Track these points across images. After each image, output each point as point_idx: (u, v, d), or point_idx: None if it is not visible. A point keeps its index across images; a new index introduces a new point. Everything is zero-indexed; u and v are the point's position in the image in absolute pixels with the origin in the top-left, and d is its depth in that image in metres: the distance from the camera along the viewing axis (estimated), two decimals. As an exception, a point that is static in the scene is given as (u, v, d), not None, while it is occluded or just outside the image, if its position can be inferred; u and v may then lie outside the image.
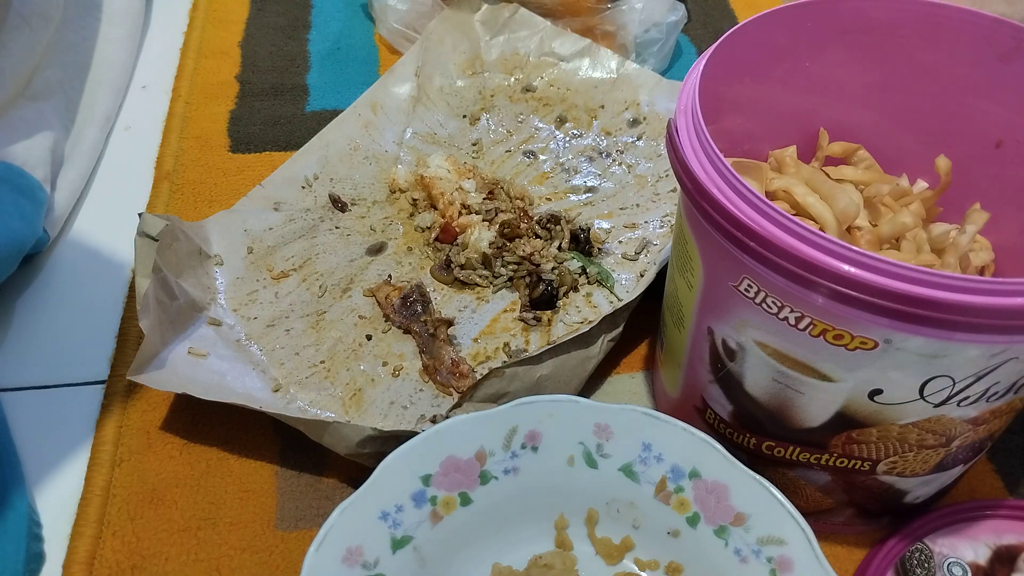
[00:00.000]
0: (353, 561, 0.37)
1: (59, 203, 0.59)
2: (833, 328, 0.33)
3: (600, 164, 0.64)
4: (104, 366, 0.52)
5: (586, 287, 0.56)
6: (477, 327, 0.54)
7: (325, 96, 0.71)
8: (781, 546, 0.38)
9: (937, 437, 0.37)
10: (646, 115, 0.67)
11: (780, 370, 0.37)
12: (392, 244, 0.59)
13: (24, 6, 0.61)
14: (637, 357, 0.53)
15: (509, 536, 0.42)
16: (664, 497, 0.41)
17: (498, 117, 0.68)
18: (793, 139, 0.47)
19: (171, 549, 0.44)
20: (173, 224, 0.51)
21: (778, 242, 0.31)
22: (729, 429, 0.42)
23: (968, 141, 0.44)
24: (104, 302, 0.56)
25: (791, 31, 0.42)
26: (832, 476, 0.41)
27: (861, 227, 0.43)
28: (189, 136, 0.67)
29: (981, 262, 0.44)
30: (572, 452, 0.42)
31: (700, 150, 0.35)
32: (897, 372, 0.34)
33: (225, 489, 0.46)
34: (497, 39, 0.71)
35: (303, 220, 0.59)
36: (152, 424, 0.49)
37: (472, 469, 0.41)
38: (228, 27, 0.77)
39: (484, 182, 0.60)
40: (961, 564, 0.41)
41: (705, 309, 0.39)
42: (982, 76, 0.42)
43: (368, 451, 0.44)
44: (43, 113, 0.61)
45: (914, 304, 0.30)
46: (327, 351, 0.52)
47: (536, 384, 0.47)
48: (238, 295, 0.54)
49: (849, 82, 0.45)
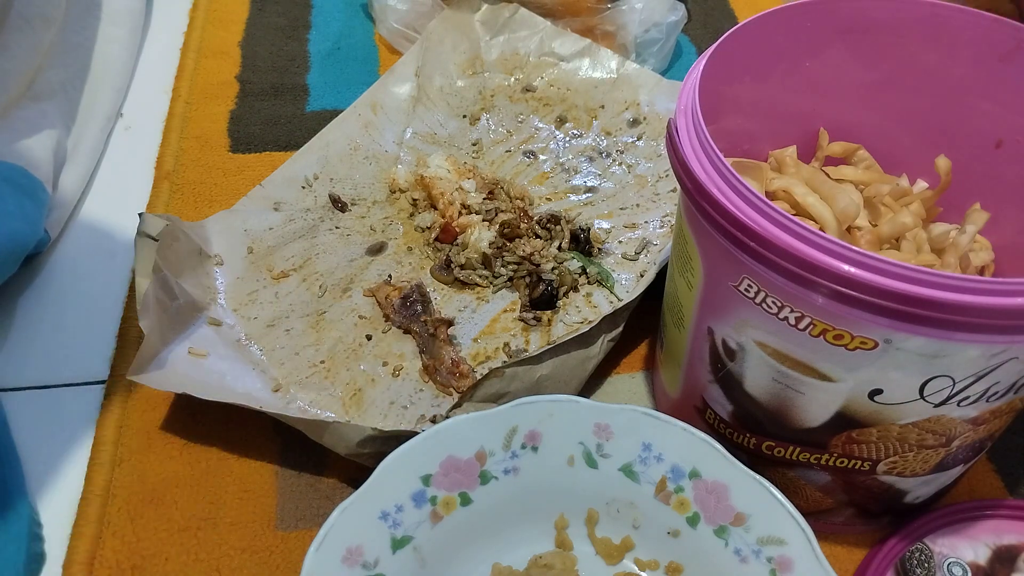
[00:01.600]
0: (353, 561, 0.37)
1: (60, 203, 0.59)
2: (833, 328, 0.33)
3: (600, 164, 0.64)
4: (104, 366, 0.52)
5: (586, 287, 0.56)
6: (477, 327, 0.54)
7: (325, 96, 0.71)
8: (781, 546, 0.38)
9: (937, 437, 0.37)
10: (646, 115, 0.67)
11: (780, 370, 0.37)
12: (392, 244, 0.59)
13: (26, 7, 0.61)
14: (637, 357, 0.53)
15: (509, 536, 0.42)
16: (664, 497, 0.41)
17: (498, 117, 0.68)
18: (793, 139, 0.47)
19: (171, 549, 0.44)
20: (173, 224, 0.51)
21: (778, 242, 0.31)
22: (729, 429, 0.42)
23: (968, 141, 0.44)
24: (104, 302, 0.56)
25: (791, 31, 0.42)
26: (832, 476, 0.41)
27: (861, 227, 0.43)
28: (189, 136, 0.67)
29: (981, 262, 0.44)
30: (572, 452, 0.42)
31: (700, 150, 0.35)
32: (897, 372, 0.34)
33: (225, 489, 0.46)
34: (497, 39, 0.71)
35: (303, 220, 0.59)
36: (152, 424, 0.49)
37: (472, 469, 0.41)
38: (228, 27, 0.77)
39: (484, 182, 0.60)
40: (961, 564, 0.41)
41: (705, 309, 0.39)
42: (982, 76, 0.42)
43: (368, 451, 0.44)
44: (45, 113, 0.61)
45: (914, 304, 0.30)
46: (327, 351, 0.52)
47: (536, 384, 0.47)
48: (238, 295, 0.54)
49: (849, 82, 0.45)
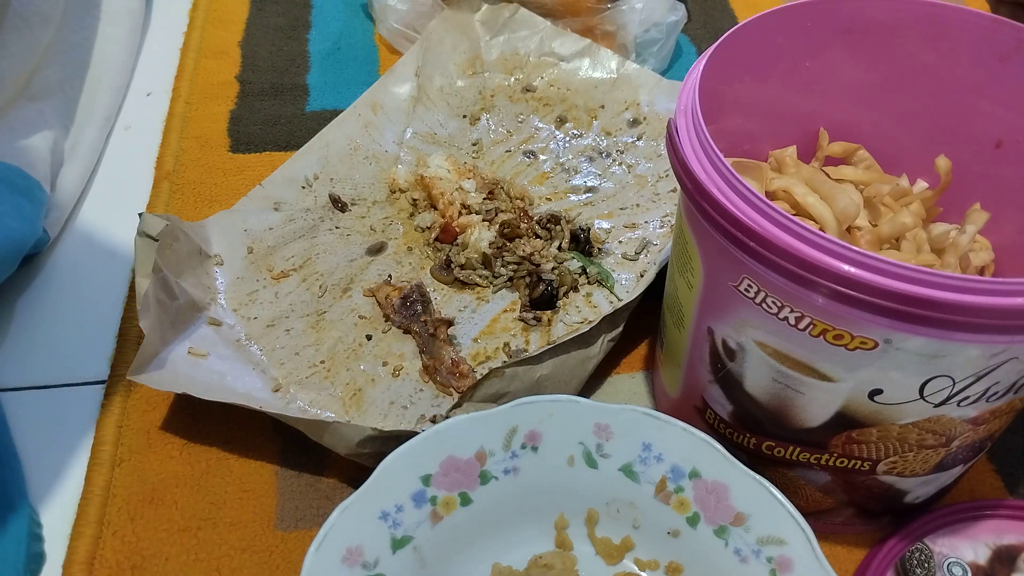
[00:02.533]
0: (353, 561, 0.37)
1: (59, 203, 0.59)
2: (833, 328, 0.33)
3: (600, 164, 0.64)
4: (104, 366, 0.52)
5: (586, 287, 0.56)
6: (477, 327, 0.54)
7: (325, 96, 0.71)
8: (781, 546, 0.38)
9: (937, 437, 0.37)
10: (646, 115, 0.67)
11: (780, 370, 0.37)
12: (392, 244, 0.59)
13: (24, 6, 0.61)
14: (637, 357, 0.53)
15: (509, 536, 0.42)
16: (664, 497, 0.41)
17: (498, 117, 0.68)
18: (793, 139, 0.47)
19: (171, 549, 0.44)
20: (173, 224, 0.51)
21: (778, 242, 0.31)
22: (729, 429, 0.42)
23: (968, 141, 0.44)
24: (104, 302, 0.56)
25: (791, 31, 0.42)
26: (832, 476, 0.41)
27: (861, 227, 0.43)
28: (189, 136, 0.67)
29: (981, 262, 0.44)
30: (572, 452, 0.42)
31: (700, 150, 0.35)
32: (897, 372, 0.34)
33: (225, 489, 0.46)
34: (497, 39, 0.71)
35: (303, 220, 0.59)
36: (152, 424, 0.49)
37: (472, 469, 0.41)
38: (228, 27, 0.77)
39: (484, 182, 0.60)
40: (961, 564, 0.41)
41: (705, 309, 0.39)
42: (982, 76, 0.42)
43: (368, 451, 0.44)
44: (43, 113, 0.61)
45: (914, 304, 0.30)
46: (327, 351, 0.52)
47: (536, 384, 0.47)
48: (238, 295, 0.54)
49: (849, 82, 0.45)
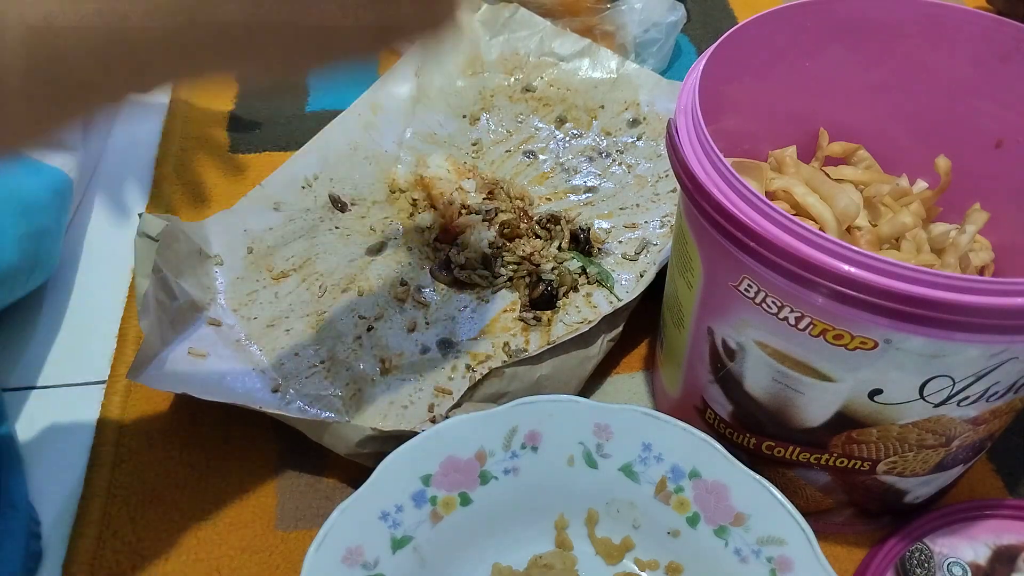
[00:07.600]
0: (353, 561, 0.37)
1: (59, 203, 0.59)
2: (833, 328, 0.33)
3: (600, 164, 0.64)
4: (104, 366, 0.52)
5: (586, 287, 0.56)
6: (477, 327, 0.54)
7: (325, 96, 0.71)
8: (781, 546, 0.38)
9: (937, 437, 0.37)
10: (646, 115, 0.67)
11: (780, 370, 0.37)
12: (392, 244, 0.59)
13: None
14: (637, 357, 0.53)
15: (509, 536, 0.42)
16: (664, 497, 0.41)
17: (498, 117, 0.68)
18: (793, 139, 0.47)
19: (171, 549, 0.44)
20: (173, 224, 0.51)
21: (778, 242, 0.31)
22: (729, 429, 0.42)
23: (968, 141, 0.44)
24: (104, 302, 0.56)
25: (791, 31, 0.42)
26: (832, 476, 0.41)
27: (861, 227, 0.43)
28: (189, 136, 0.67)
29: (981, 262, 0.44)
30: (572, 452, 0.42)
31: (700, 150, 0.35)
32: (897, 372, 0.34)
33: (225, 489, 0.46)
34: (497, 39, 0.71)
35: (303, 220, 0.59)
36: (152, 424, 0.49)
37: (472, 469, 0.41)
38: (228, 27, 0.77)
39: (484, 182, 0.60)
40: (961, 564, 0.41)
41: (705, 309, 0.39)
42: (982, 76, 0.42)
43: (368, 451, 0.44)
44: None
45: (914, 304, 0.30)
46: (327, 351, 0.52)
47: (536, 384, 0.47)
48: (238, 295, 0.54)
49: (849, 82, 0.45)
